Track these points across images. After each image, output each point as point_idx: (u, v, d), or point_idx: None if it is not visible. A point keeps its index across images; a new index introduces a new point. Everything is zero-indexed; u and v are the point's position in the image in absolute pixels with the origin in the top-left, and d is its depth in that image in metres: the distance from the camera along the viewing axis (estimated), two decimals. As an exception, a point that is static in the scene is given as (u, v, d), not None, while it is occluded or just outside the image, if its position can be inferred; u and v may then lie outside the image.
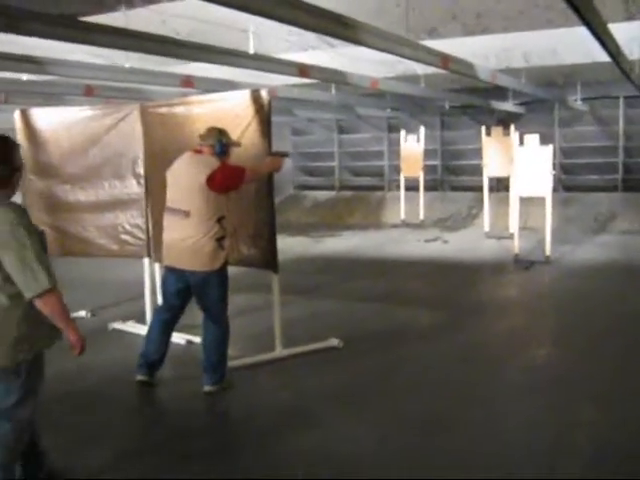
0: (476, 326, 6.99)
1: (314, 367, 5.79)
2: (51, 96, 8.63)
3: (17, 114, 7.02)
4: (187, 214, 4.93)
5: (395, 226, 15.33)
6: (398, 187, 16.01)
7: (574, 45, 7.97)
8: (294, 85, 9.74)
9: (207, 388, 5.21)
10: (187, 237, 4.92)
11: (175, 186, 5.10)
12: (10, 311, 3.15)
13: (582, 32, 6.61)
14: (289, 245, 12.18)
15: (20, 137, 6.97)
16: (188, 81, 7.17)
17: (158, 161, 6.51)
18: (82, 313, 7.45)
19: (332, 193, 18.13)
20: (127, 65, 6.82)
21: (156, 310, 5.69)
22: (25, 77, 7.56)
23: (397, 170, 16.36)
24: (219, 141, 5.07)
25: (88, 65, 6.69)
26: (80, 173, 6.84)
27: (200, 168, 4.95)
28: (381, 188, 17.68)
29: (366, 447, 4.26)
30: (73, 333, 3.27)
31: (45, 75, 7.41)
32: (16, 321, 3.18)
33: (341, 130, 18.24)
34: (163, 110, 6.42)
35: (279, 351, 5.94)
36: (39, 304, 3.13)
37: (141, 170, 6.63)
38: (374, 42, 4.65)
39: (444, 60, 5.88)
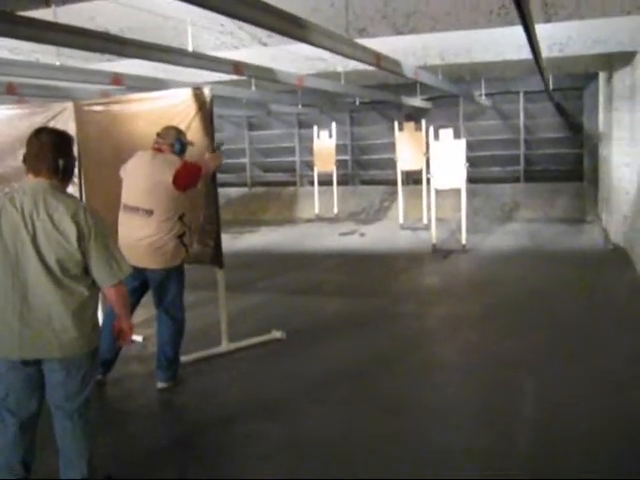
0: (408, 313, 7.30)
1: (261, 359, 5.92)
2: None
3: (-63, 114, 6.76)
4: (149, 212, 4.95)
5: (310, 221, 15.56)
6: (310, 182, 16.25)
7: (489, 45, 8.42)
8: (213, 82, 9.76)
9: (161, 385, 5.25)
10: (148, 235, 4.93)
11: (133, 184, 5.09)
12: (89, 301, 3.30)
13: (498, 32, 7.06)
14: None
15: None
16: (117, 79, 7.10)
17: (93, 161, 6.45)
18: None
19: (244, 190, 18.18)
20: (56, 63, 6.68)
21: (108, 308, 5.65)
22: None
23: (309, 165, 16.60)
24: (179, 140, 5.13)
25: (11, 62, 6.51)
26: (10, 174, 6.61)
27: (165, 167, 4.98)
28: (293, 184, 17.88)
29: (321, 434, 4.44)
30: (128, 322, 3.53)
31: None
32: (92, 310, 3.35)
33: (251, 127, 18.31)
34: (99, 108, 6.36)
35: (226, 345, 6.03)
36: (111, 292, 3.32)
37: (75, 170, 6.51)
38: (321, 41, 4.81)
39: (377, 58, 6.11)
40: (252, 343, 6.19)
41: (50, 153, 3.24)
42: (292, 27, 4.36)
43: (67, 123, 6.47)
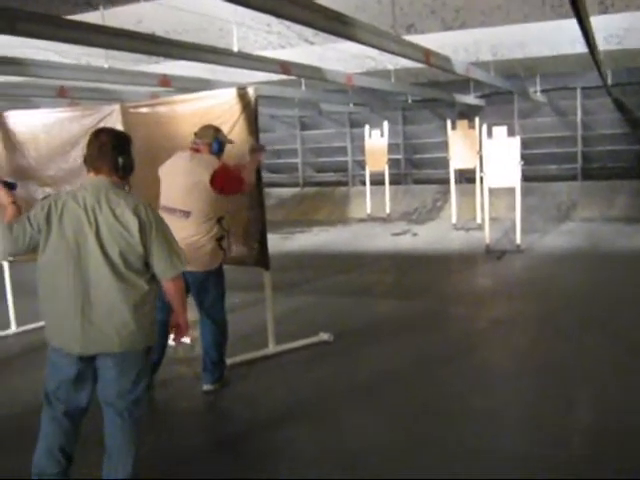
0: (458, 315, 7.13)
1: (308, 362, 5.83)
2: (19, 98, 8.46)
3: (-11, 117, 6.89)
4: (187, 214, 4.91)
5: (361, 221, 15.43)
6: (362, 182, 16.13)
7: (542, 39, 8.18)
8: (263, 82, 9.75)
9: (206, 387, 5.21)
10: (187, 237, 4.84)
11: (172, 185, 5.05)
12: (149, 295, 3.35)
13: (551, 26, 6.83)
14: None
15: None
16: (165, 80, 7.12)
17: (140, 163, 6.46)
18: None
19: (296, 190, 18.16)
20: (105, 66, 6.74)
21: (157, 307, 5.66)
22: (1, 79, 7.42)
23: (361, 165, 16.47)
24: (216, 139, 5.06)
25: (63, 65, 6.60)
26: (61, 175, 6.72)
27: (202, 168, 4.92)
28: (345, 183, 17.79)
29: (368, 438, 4.33)
30: (185, 317, 3.58)
31: (16, 76, 7.29)
32: (151, 306, 3.39)
33: (303, 126, 18.28)
34: (145, 110, 6.37)
35: (272, 348, 5.97)
36: (170, 285, 3.39)
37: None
38: (367, 38, 4.70)
39: (426, 55, 5.97)
40: (299, 345, 6.11)
41: (110, 152, 3.35)
42: (336, 24, 4.27)
43: (115, 125, 6.49)
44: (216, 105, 5.90)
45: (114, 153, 3.36)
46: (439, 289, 8.48)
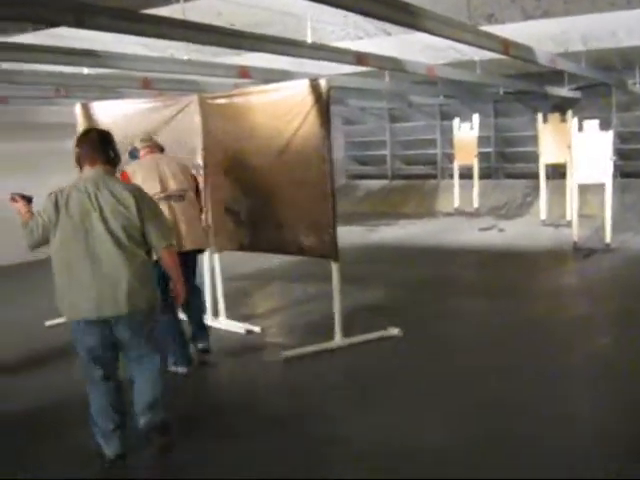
0: (538, 315, 6.90)
1: (375, 356, 5.80)
2: (108, 89, 8.74)
3: (78, 107, 7.14)
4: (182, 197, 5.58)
5: (449, 214, 15.20)
6: (451, 175, 15.86)
7: (634, 28, 7.78)
8: (347, 74, 9.71)
9: (202, 345, 5.79)
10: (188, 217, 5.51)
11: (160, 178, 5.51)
12: (147, 263, 4.00)
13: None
14: (343, 234, 12.11)
15: (80, 130, 7.11)
16: (244, 72, 7.21)
17: (216, 152, 6.60)
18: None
19: (385, 182, 18.04)
20: (185, 57, 6.88)
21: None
22: (86, 71, 7.69)
23: (450, 158, 16.20)
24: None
25: (145, 58, 6.78)
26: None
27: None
28: (434, 176, 17.52)
29: (434, 432, 4.26)
30: (180, 283, 4.18)
31: (102, 68, 7.53)
32: (150, 272, 4.02)
33: (393, 119, 18.11)
34: (222, 101, 6.49)
35: (339, 340, 5.96)
36: (165, 253, 4.04)
37: (200, 161, 6.69)
38: (438, 29, 4.61)
39: (505, 45, 5.79)
40: (366, 339, 6.08)
41: (102, 146, 3.98)
42: (402, 15, 4.19)
43: (193, 116, 6.65)
44: (289, 96, 5.95)
45: (105, 147, 3.99)
46: (520, 287, 8.23)
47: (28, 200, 4.10)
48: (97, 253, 3.80)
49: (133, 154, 5.73)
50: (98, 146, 3.97)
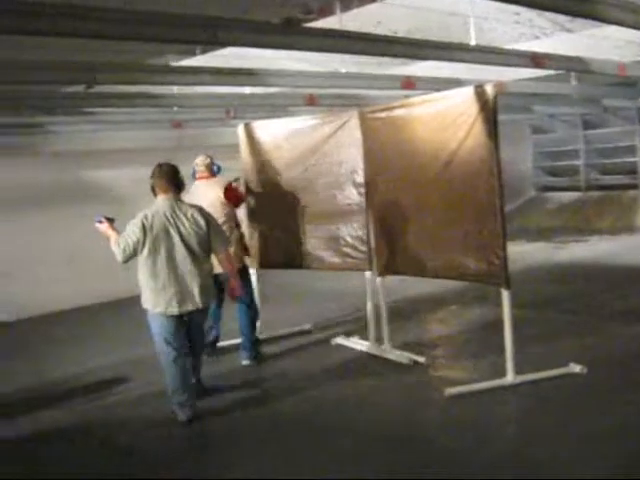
0: None
1: (552, 398, 5.05)
2: (276, 108, 8.64)
3: (240, 128, 7.09)
4: None
5: (651, 230, 13.69)
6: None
7: None
8: (528, 79, 8.91)
9: (245, 362, 6.35)
10: None
11: None
12: (210, 272, 5.20)
13: None
14: (527, 252, 11.32)
15: (243, 150, 7.03)
16: (409, 82, 6.74)
17: (378, 169, 6.19)
18: (307, 326, 7.36)
19: (577, 194, 16.69)
20: (343, 70, 6.53)
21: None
22: (247, 90, 7.60)
23: (653, 167, 14.63)
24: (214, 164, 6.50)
25: (306, 73, 6.52)
26: (300, 184, 6.70)
27: (215, 187, 6.35)
28: (634, 187, 15.93)
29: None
30: (235, 280, 5.39)
31: (265, 87, 7.40)
32: (211, 280, 5.22)
33: (586, 125, 16.74)
34: (382, 115, 6.07)
35: (511, 376, 5.28)
36: (224, 256, 5.23)
37: (361, 179, 6.31)
38: (617, 17, 3.87)
39: None
40: (543, 377, 5.33)
41: (174, 179, 5.08)
42: (571, 3, 3.52)
43: (353, 132, 6.30)
44: (452, 106, 5.41)
45: (175, 179, 5.09)
46: None
47: (111, 221, 5.08)
48: (177, 262, 4.93)
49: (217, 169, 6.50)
50: (170, 178, 5.05)
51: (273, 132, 6.90)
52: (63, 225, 8.99)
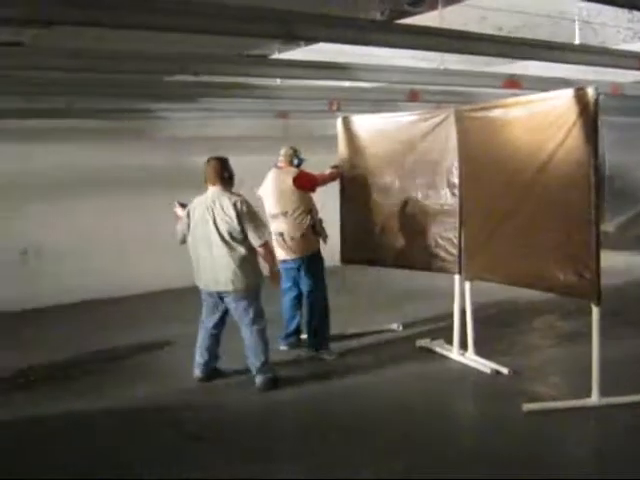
0: None
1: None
2: (379, 102, 8.54)
3: (339, 121, 7.04)
4: (285, 214, 6.35)
5: None
6: None
7: None
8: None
9: (310, 352, 6.44)
10: (286, 231, 6.31)
11: (271, 198, 6.46)
12: (247, 257, 5.45)
13: None
14: (633, 263, 10.55)
15: (340, 143, 6.99)
16: (512, 81, 6.47)
17: (472, 170, 5.98)
18: (394, 326, 7.26)
19: None
20: (444, 67, 6.36)
21: (283, 291, 6.58)
22: (347, 84, 7.55)
23: None
24: (296, 157, 6.51)
25: (401, 69, 6.42)
26: (394, 181, 6.59)
27: (286, 176, 6.36)
28: None
29: None
30: (275, 269, 5.75)
31: (369, 82, 7.34)
32: (251, 264, 5.50)
33: None
34: (479, 114, 5.86)
35: (595, 399, 4.99)
36: (262, 248, 5.47)
37: (456, 180, 6.13)
38: None
39: None
40: (632, 401, 5.00)
41: (219, 171, 5.51)
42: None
43: (449, 130, 6.12)
44: (551, 108, 5.14)
45: (222, 172, 5.51)
46: None
47: (184, 206, 5.66)
48: (213, 247, 5.42)
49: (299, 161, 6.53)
50: (217, 172, 5.50)
51: (370, 127, 6.82)
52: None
